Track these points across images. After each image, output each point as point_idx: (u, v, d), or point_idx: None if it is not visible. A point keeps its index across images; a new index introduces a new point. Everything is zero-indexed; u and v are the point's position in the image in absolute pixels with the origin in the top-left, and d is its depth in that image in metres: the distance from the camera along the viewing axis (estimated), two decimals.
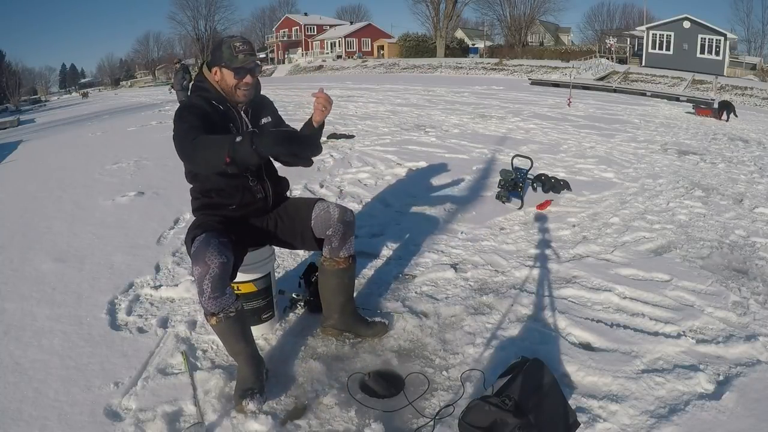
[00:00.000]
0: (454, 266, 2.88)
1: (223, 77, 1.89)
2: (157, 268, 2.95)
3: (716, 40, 25.27)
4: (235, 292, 2.07)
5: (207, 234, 1.81)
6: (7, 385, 1.92)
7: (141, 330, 2.31)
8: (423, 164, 5.32)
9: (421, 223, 3.60)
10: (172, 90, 11.45)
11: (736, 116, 10.97)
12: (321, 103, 1.85)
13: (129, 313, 2.47)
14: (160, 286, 2.73)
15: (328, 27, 50.12)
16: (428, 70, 30.21)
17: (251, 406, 1.75)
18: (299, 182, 4.66)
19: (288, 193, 2.22)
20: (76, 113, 16.40)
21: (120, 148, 7.15)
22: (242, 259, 1.95)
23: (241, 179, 1.96)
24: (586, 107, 11.68)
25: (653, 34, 27.15)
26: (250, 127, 1.99)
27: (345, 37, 46.05)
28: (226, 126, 1.91)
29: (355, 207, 3.97)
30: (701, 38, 25.59)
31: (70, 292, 2.69)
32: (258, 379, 1.83)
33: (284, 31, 51.20)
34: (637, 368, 1.97)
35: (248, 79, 1.90)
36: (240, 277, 2.06)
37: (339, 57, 43.98)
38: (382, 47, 44.40)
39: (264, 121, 2.05)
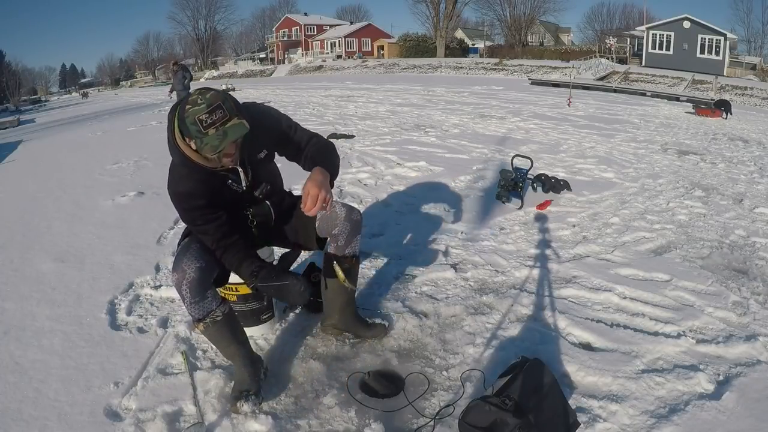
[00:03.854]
0: (454, 266, 2.88)
1: (199, 150, 1.57)
2: (157, 268, 2.95)
3: (716, 40, 25.27)
4: (234, 293, 2.08)
5: (189, 239, 1.82)
6: (7, 385, 1.92)
7: (141, 330, 2.31)
8: (423, 164, 5.31)
9: (421, 223, 3.60)
10: (172, 95, 11.35)
11: (731, 114, 11.02)
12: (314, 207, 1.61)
13: (129, 313, 2.47)
14: (160, 286, 2.73)
15: (328, 27, 50.12)
16: (428, 70, 30.20)
17: (246, 407, 1.75)
18: (299, 182, 4.65)
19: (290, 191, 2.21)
20: (76, 113, 16.40)
21: (120, 148, 7.14)
22: None
23: (241, 217, 1.90)
24: (586, 107, 11.68)
25: (653, 34, 27.15)
26: (249, 177, 1.79)
27: (345, 37, 46.05)
28: (225, 190, 1.76)
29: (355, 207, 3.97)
30: (701, 38, 25.59)
31: (70, 292, 2.69)
32: (254, 380, 1.82)
33: (284, 31, 51.20)
34: (637, 368, 1.97)
35: (230, 150, 1.59)
36: (239, 278, 2.06)
37: (339, 57, 43.98)
38: (382, 47, 44.40)
39: (261, 155, 1.80)
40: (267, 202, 1.95)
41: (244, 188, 1.81)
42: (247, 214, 1.92)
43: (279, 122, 1.83)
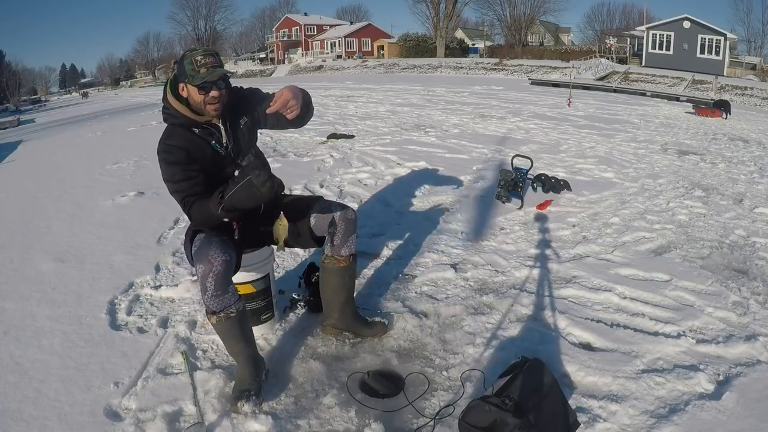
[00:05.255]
0: (454, 266, 2.88)
1: (189, 94, 1.80)
2: (157, 268, 2.95)
3: (716, 40, 25.25)
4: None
5: (207, 233, 1.83)
6: (7, 385, 1.92)
7: (141, 330, 2.31)
8: (423, 164, 5.31)
9: (421, 223, 3.60)
10: None
11: (731, 114, 11.00)
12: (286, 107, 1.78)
13: (129, 313, 2.47)
14: (160, 286, 2.73)
15: (328, 27, 50.10)
16: (428, 70, 30.19)
17: (246, 407, 1.75)
18: (299, 182, 4.66)
19: (287, 191, 2.22)
20: (76, 113, 16.41)
21: (120, 148, 7.15)
22: (240, 259, 1.95)
23: None
24: (586, 107, 11.67)
25: (653, 34, 27.14)
26: (231, 140, 1.90)
27: (345, 37, 46.03)
28: (207, 150, 1.84)
29: (355, 207, 3.97)
30: (701, 38, 25.57)
31: (70, 292, 2.69)
32: (255, 380, 1.83)
33: (284, 31, 51.17)
34: (637, 368, 1.98)
35: (214, 93, 1.78)
36: (238, 278, 2.06)
37: (339, 57, 43.96)
38: (382, 47, 44.38)
39: (242, 122, 1.94)
40: None
41: (225, 146, 1.89)
42: None
43: (257, 91, 2.01)
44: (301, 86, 1.90)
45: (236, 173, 1.80)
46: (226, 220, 1.77)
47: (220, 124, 1.88)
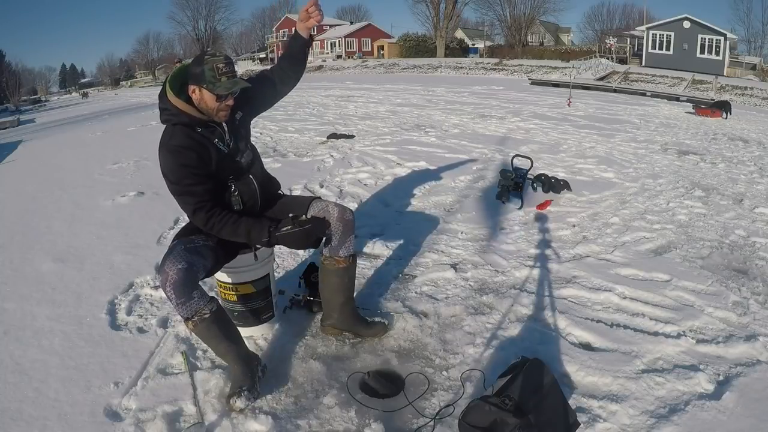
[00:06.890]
0: (454, 266, 2.88)
1: (202, 98, 1.78)
2: (157, 268, 2.95)
3: (716, 40, 25.26)
4: (234, 293, 2.08)
5: (177, 241, 1.85)
6: (7, 385, 1.93)
7: (141, 330, 2.31)
8: (423, 164, 5.31)
9: (421, 223, 3.60)
10: None
11: (731, 114, 10.99)
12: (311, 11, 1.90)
13: (129, 313, 2.47)
14: (160, 286, 2.72)
15: (328, 27, 50.08)
16: (428, 70, 30.17)
17: (239, 403, 1.75)
18: (299, 182, 4.65)
19: (287, 191, 2.21)
20: (76, 113, 16.39)
21: (120, 148, 7.14)
22: (223, 261, 1.94)
23: (226, 194, 1.92)
24: (586, 107, 11.67)
25: (653, 34, 27.14)
26: (231, 137, 1.89)
27: (345, 37, 46.03)
28: (213, 150, 1.83)
29: (355, 207, 3.98)
30: (701, 38, 25.58)
31: (70, 292, 2.69)
32: (247, 376, 1.82)
33: (284, 31, 51.09)
34: (637, 368, 1.98)
35: (230, 101, 1.81)
36: (238, 278, 2.07)
37: (339, 57, 43.97)
38: (382, 47, 44.36)
39: (238, 117, 1.94)
40: (251, 176, 1.97)
41: (229, 145, 1.89)
42: (230, 185, 1.91)
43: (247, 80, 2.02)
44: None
45: (299, 218, 1.85)
46: (258, 246, 1.89)
47: (224, 122, 1.88)
